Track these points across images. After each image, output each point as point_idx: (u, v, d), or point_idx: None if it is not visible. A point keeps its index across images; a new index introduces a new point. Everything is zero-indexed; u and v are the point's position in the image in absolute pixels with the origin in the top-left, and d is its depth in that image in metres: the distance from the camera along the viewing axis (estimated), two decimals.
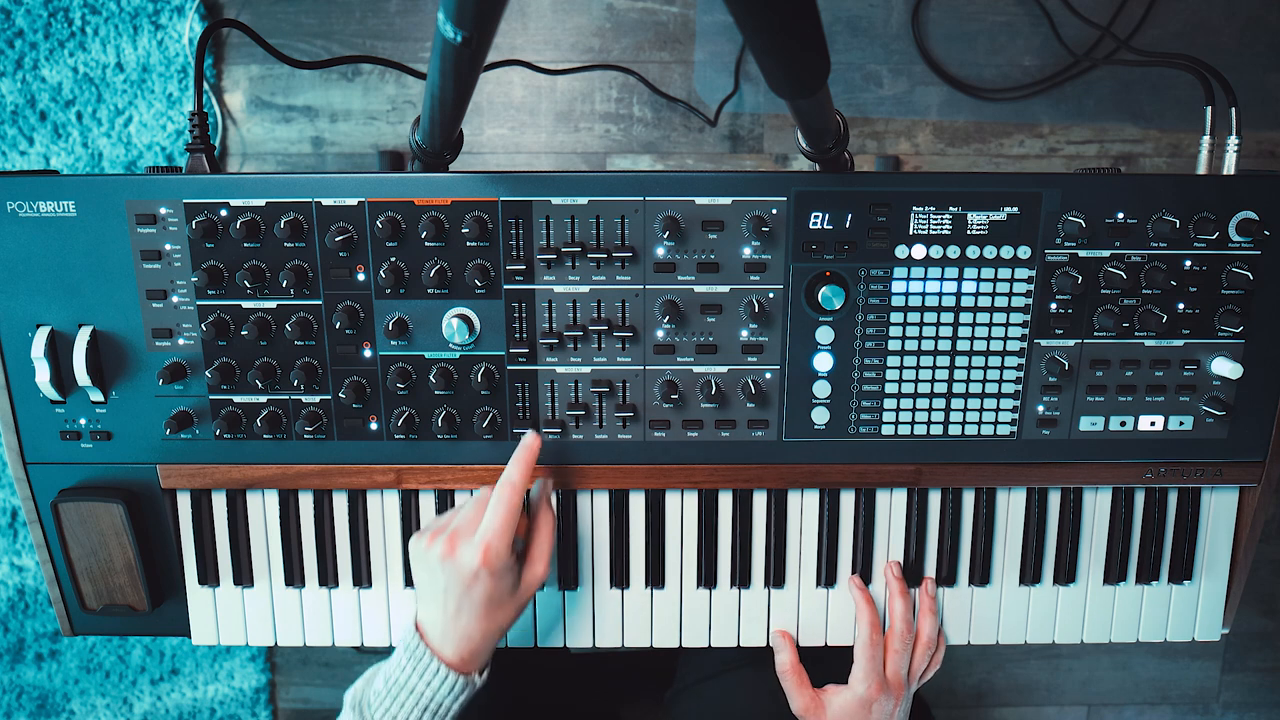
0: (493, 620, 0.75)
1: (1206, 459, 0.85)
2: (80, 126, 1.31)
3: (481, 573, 0.72)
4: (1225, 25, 1.33)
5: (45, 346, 0.78)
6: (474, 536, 0.73)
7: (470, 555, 0.72)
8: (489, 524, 0.73)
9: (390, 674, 0.75)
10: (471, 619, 0.73)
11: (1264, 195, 0.78)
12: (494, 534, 0.72)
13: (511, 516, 0.73)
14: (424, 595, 0.76)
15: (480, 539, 0.72)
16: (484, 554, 0.72)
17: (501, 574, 0.73)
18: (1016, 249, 0.79)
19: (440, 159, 0.76)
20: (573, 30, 1.32)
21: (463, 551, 0.72)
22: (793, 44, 0.47)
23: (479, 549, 0.72)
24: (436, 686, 0.73)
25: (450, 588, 0.73)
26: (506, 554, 0.73)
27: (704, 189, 0.77)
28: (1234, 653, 1.67)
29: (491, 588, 0.73)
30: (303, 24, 1.31)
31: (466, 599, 0.73)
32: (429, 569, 0.74)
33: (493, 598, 0.73)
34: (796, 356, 0.81)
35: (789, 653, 0.87)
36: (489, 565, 0.72)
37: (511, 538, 0.73)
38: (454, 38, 0.46)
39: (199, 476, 0.84)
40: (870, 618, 0.85)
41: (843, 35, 1.32)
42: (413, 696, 0.73)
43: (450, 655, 0.74)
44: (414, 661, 0.74)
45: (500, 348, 0.81)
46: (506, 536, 0.73)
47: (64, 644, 1.55)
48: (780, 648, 0.88)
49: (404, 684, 0.74)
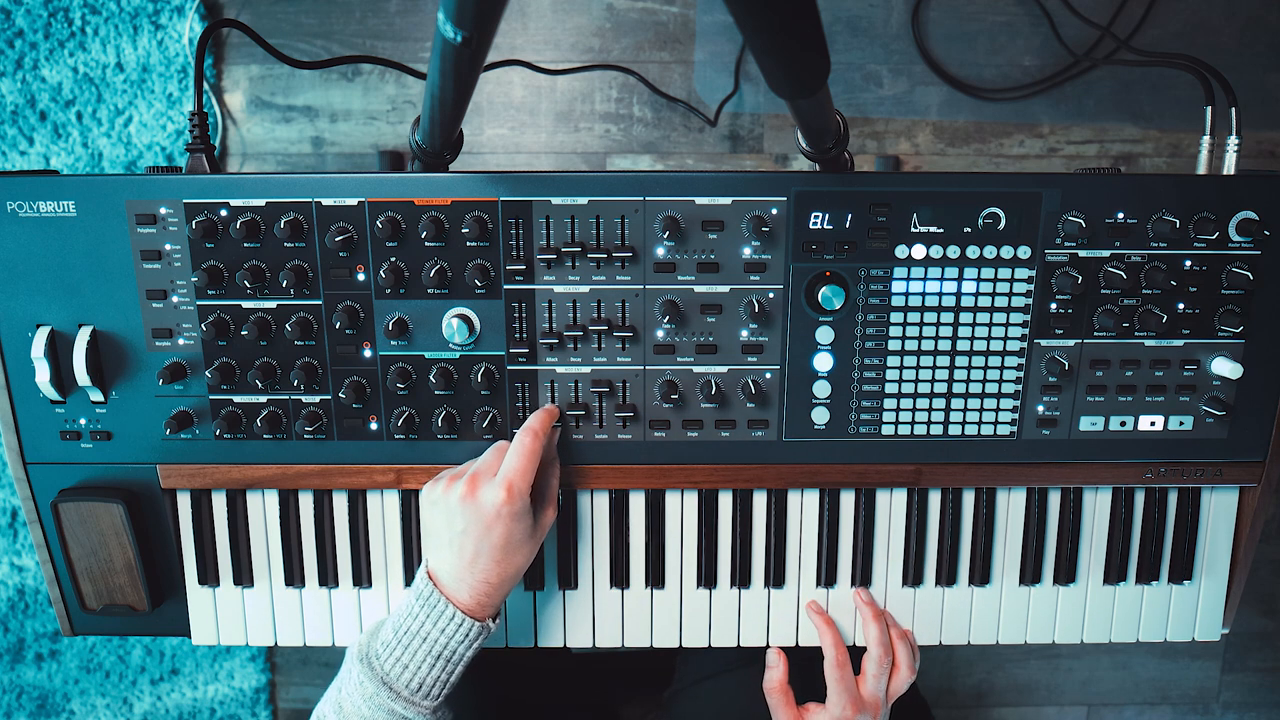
0: (510, 563, 0.74)
1: (1206, 459, 0.85)
2: (80, 126, 1.31)
3: (504, 510, 0.72)
4: (1225, 25, 1.33)
5: (45, 346, 0.78)
6: (496, 477, 0.73)
7: (493, 494, 0.72)
8: (511, 464, 0.73)
9: (400, 623, 0.74)
10: (490, 562, 0.73)
11: (1264, 195, 0.78)
12: (517, 474, 0.73)
13: (532, 460, 0.74)
14: (438, 541, 0.75)
15: (503, 478, 0.73)
16: (508, 492, 0.72)
17: (521, 515, 0.73)
18: (1016, 249, 0.79)
19: (440, 159, 0.76)
20: (573, 30, 1.32)
21: (485, 491, 0.73)
22: (793, 44, 0.47)
23: (501, 487, 0.72)
24: (451, 632, 0.73)
25: (470, 529, 0.73)
26: (527, 494, 0.73)
27: (704, 189, 0.77)
28: (1234, 653, 1.67)
29: (511, 528, 0.73)
30: (303, 24, 1.31)
31: (486, 540, 0.73)
32: (447, 512, 0.74)
33: (511, 539, 0.73)
34: (796, 356, 0.81)
35: (780, 671, 0.87)
36: (511, 504, 0.72)
37: (532, 480, 0.74)
38: (454, 38, 0.46)
39: (199, 476, 0.84)
40: (833, 638, 0.86)
41: (843, 35, 1.32)
42: (425, 643, 0.73)
43: (466, 600, 0.74)
44: (427, 608, 0.73)
45: (500, 348, 0.81)
46: (528, 478, 0.73)
47: (64, 644, 1.55)
48: (773, 664, 0.88)
49: (416, 631, 0.73)
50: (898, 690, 0.86)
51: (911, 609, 0.90)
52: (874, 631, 0.85)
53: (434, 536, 0.76)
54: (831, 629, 0.86)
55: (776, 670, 0.87)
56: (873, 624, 0.86)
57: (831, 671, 0.85)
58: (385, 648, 0.74)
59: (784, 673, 0.87)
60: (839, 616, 0.89)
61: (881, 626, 0.86)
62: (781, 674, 0.87)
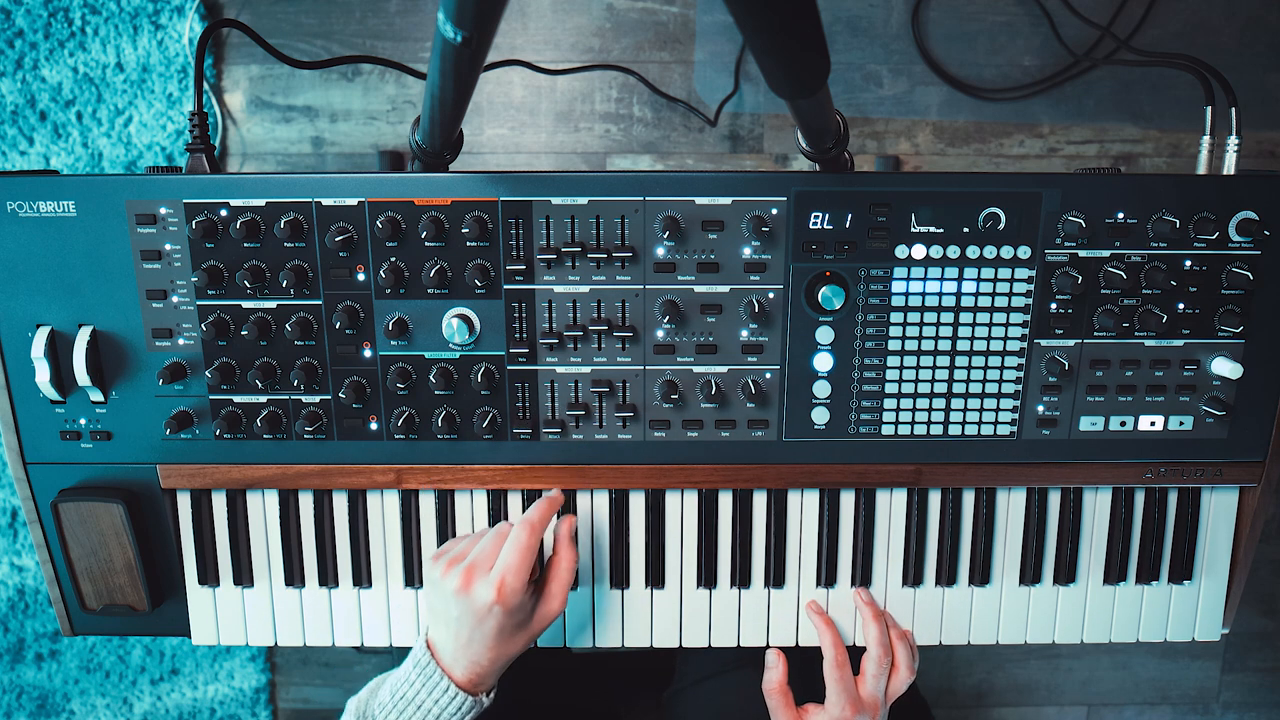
0: (503, 650, 0.76)
1: (1206, 459, 0.85)
2: (80, 126, 1.31)
3: (495, 609, 0.73)
4: (1225, 25, 1.33)
5: (45, 346, 0.78)
6: (490, 572, 0.74)
7: (485, 591, 0.73)
8: (505, 560, 0.74)
9: (398, 687, 0.76)
10: (482, 648, 0.75)
11: (1264, 195, 0.78)
12: (510, 571, 0.73)
13: (528, 555, 0.75)
14: (436, 618, 0.77)
15: (496, 575, 0.73)
16: (499, 591, 0.73)
17: (514, 610, 0.74)
18: (1016, 249, 0.79)
19: (440, 159, 0.76)
20: (573, 30, 1.32)
21: (478, 587, 0.73)
22: (793, 44, 0.47)
23: (494, 586, 0.73)
24: (445, 704, 0.75)
25: (463, 619, 0.74)
26: (521, 591, 0.74)
27: (704, 189, 0.77)
28: (1234, 653, 1.67)
29: (504, 622, 0.74)
30: (303, 24, 1.31)
31: (479, 630, 0.74)
32: (443, 597, 0.75)
33: (504, 631, 0.75)
34: (796, 356, 0.81)
35: (779, 671, 0.87)
36: (503, 602, 0.73)
37: (527, 575, 0.75)
38: (454, 38, 0.46)
39: (199, 476, 0.84)
40: (832, 638, 0.86)
41: (843, 35, 1.32)
42: (420, 711, 0.75)
43: (460, 675, 0.76)
44: (424, 678, 0.76)
45: (500, 348, 0.81)
46: (522, 574, 0.74)
47: (64, 644, 1.55)
48: (772, 665, 0.88)
49: (411, 699, 0.75)
50: (896, 691, 0.86)
51: (911, 609, 0.90)
52: (874, 631, 0.85)
53: (433, 613, 0.77)
54: (831, 629, 0.86)
55: (775, 671, 0.87)
56: (872, 624, 0.86)
57: (831, 672, 0.85)
58: (383, 709, 0.76)
59: (783, 673, 0.87)
60: (839, 617, 0.89)
61: (881, 627, 0.86)
62: (781, 675, 0.87)
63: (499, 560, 0.74)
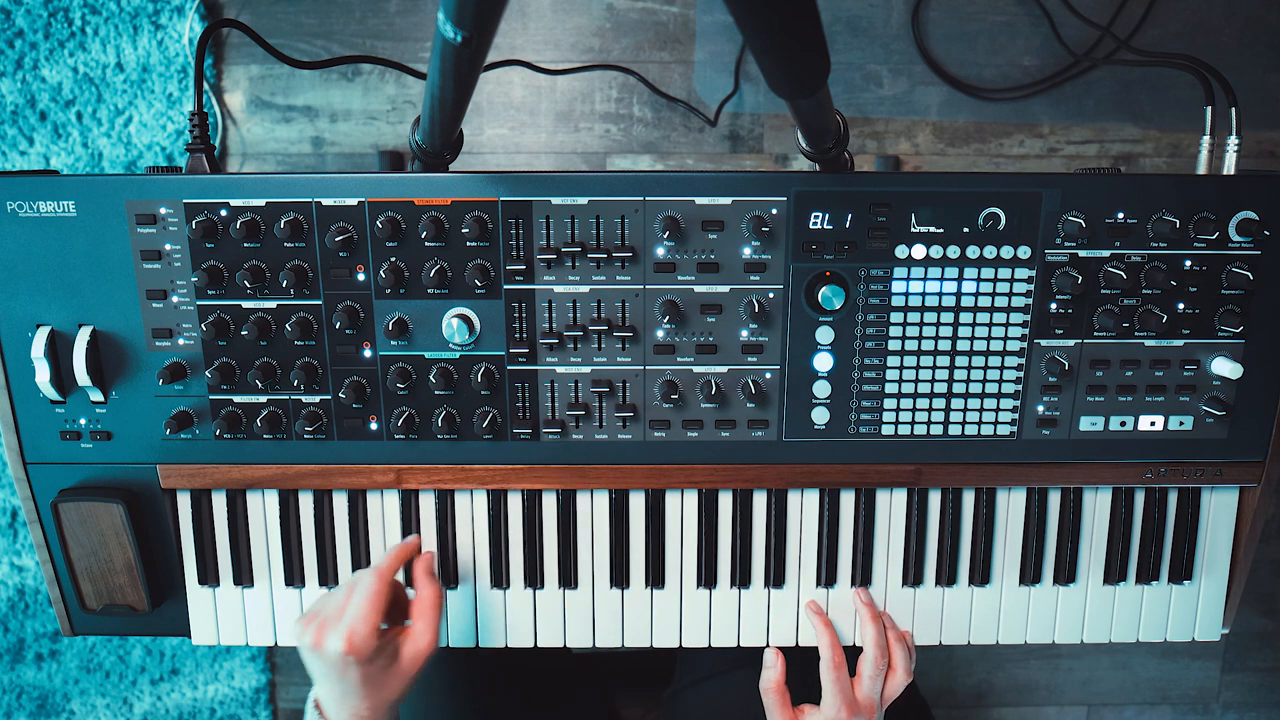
0: (380, 695, 0.76)
1: (1206, 459, 0.85)
2: (80, 126, 1.31)
3: (349, 659, 0.73)
4: (1225, 25, 1.33)
5: (45, 346, 0.78)
6: (339, 624, 0.74)
7: (335, 643, 0.73)
8: (352, 610, 0.74)
9: None
10: (357, 699, 0.75)
11: (1264, 195, 0.78)
12: (358, 619, 0.73)
13: (376, 600, 0.75)
14: (314, 676, 0.78)
15: (345, 627, 0.73)
16: (348, 643, 0.73)
17: (371, 658, 0.74)
18: (1016, 249, 0.79)
19: (440, 159, 0.76)
20: (573, 30, 1.32)
21: (329, 641, 0.73)
22: (793, 44, 0.47)
23: (343, 637, 0.73)
24: None
25: (328, 674, 0.75)
26: (372, 639, 0.74)
27: (704, 189, 0.77)
28: (1234, 653, 1.67)
29: (365, 670, 0.74)
30: (303, 24, 1.31)
31: (344, 683, 0.75)
32: (306, 656, 0.76)
33: (370, 678, 0.75)
34: (796, 356, 0.81)
35: (777, 671, 0.87)
36: (355, 652, 0.73)
37: (376, 622, 0.74)
38: (454, 38, 0.46)
39: (199, 476, 0.84)
40: (830, 639, 0.86)
41: (843, 35, 1.32)
42: None
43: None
44: None
45: (500, 348, 0.81)
46: (370, 621, 0.74)
47: (64, 644, 1.55)
48: (770, 664, 0.87)
49: None
50: (893, 693, 0.86)
51: (911, 609, 0.90)
52: (871, 633, 0.85)
53: (310, 671, 0.78)
54: (829, 630, 0.86)
55: (773, 670, 0.87)
56: (870, 625, 0.86)
57: (827, 673, 0.84)
58: None
59: (781, 673, 0.87)
60: (839, 617, 0.89)
61: (879, 628, 0.86)
62: (778, 674, 0.87)
63: (347, 611, 0.74)
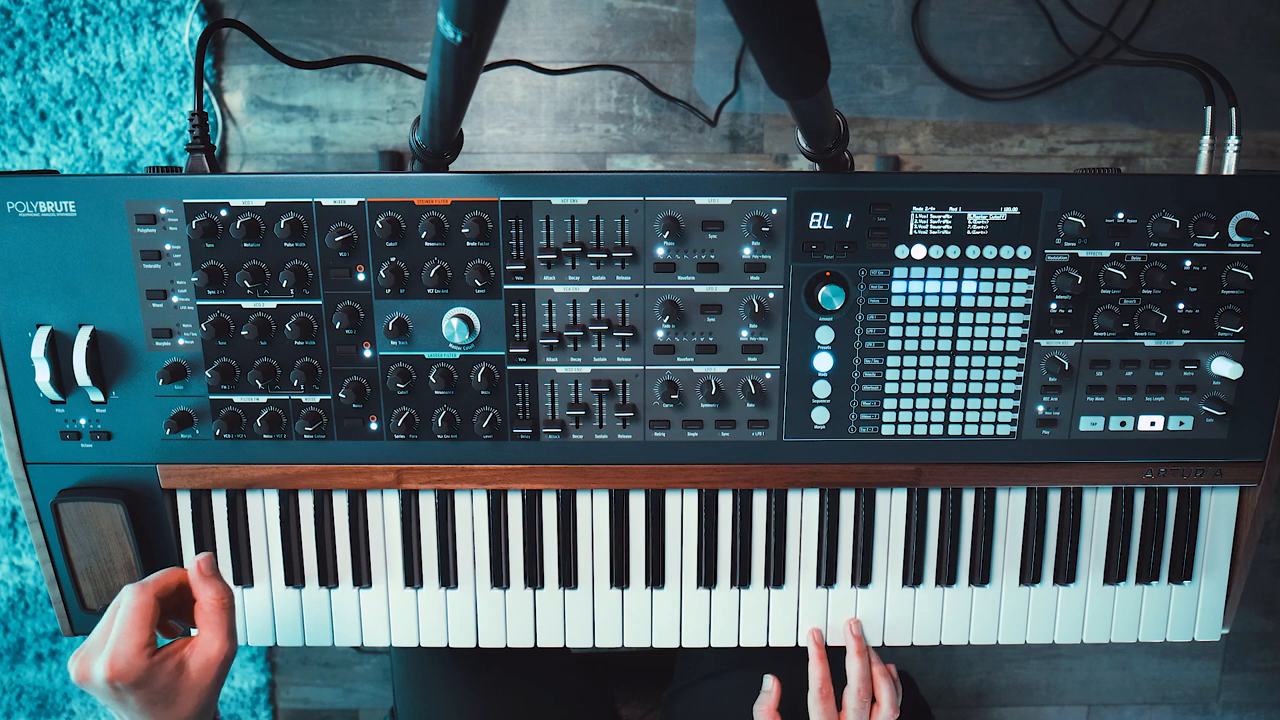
0: (176, 712, 0.70)
1: (1206, 459, 0.85)
2: (80, 126, 1.31)
3: (117, 684, 0.67)
4: (1225, 25, 1.33)
5: (45, 346, 0.78)
6: (102, 652, 0.68)
7: (100, 671, 0.67)
8: (115, 632, 0.68)
9: None
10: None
11: (1264, 195, 0.78)
12: (119, 642, 0.68)
13: (136, 619, 0.69)
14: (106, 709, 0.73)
15: (108, 652, 0.68)
16: (110, 669, 0.67)
17: (145, 678, 0.68)
18: (1016, 249, 0.79)
19: (440, 159, 0.76)
20: (573, 30, 1.32)
21: (94, 670, 0.68)
22: (793, 44, 0.47)
23: (106, 664, 0.67)
24: None
25: (109, 703, 0.70)
26: (138, 659, 0.68)
27: (704, 189, 0.77)
28: (1234, 653, 1.67)
29: (144, 693, 0.68)
30: (303, 24, 1.31)
31: (127, 709, 0.69)
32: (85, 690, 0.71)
33: (154, 700, 0.69)
34: (796, 356, 0.81)
35: (772, 698, 0.88)
36: (120, 677, 0.67)
37: (141, 640, 0.68)
38: (454, 38, 0.46)
39: (199, 476, 0.84)
40: (822, 672, 0.86)
41: (843, 35, 1.32)
42: None
43: None
44: None
45: (500, 348, 0.81)
46: (132, 641, 0.68)
47: (64, 644, 1.55)
48: (767, 690, 0.89)
49: None
50: None
51: (911, 609, 0.90)
52: (856, 667, 0.86)
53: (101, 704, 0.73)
54: (823, 663, 0.87)
55: (769, 696, 0.88)
56: (855, 660, 0.86)
57: (815, 704, 0.85)
58: None
59: (775, 700, 0.88)
60: (839, 618, 0.89)
61: (865, 663, 0.86)
62: (773, 700, 0.88)
63: (110, 636, 0.68)
